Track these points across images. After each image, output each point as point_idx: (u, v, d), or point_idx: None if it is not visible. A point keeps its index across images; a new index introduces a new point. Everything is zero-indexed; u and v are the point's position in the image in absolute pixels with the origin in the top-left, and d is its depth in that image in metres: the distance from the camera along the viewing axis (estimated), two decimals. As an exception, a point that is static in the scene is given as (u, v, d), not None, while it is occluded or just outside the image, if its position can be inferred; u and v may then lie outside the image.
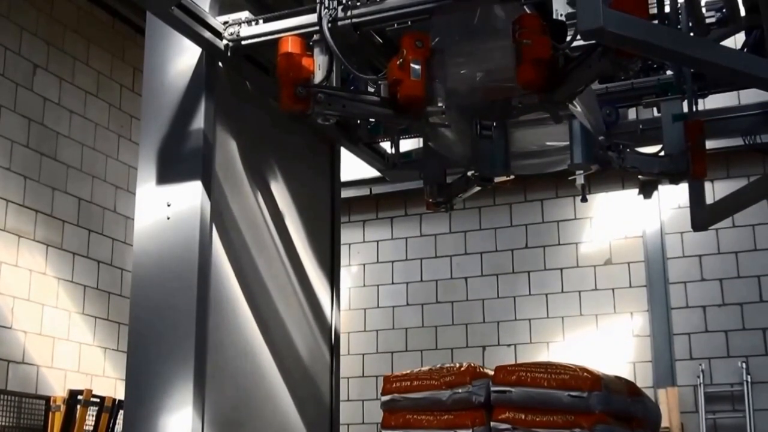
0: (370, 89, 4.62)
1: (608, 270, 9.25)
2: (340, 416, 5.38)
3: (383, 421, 4.50)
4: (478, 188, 5.39)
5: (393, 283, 9.93)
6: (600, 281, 9.29)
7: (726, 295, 8.23)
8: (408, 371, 4.60)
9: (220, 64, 4.60)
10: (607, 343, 9.12)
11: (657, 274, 9.04)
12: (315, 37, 4.42)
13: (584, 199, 4.85)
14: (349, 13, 4.36)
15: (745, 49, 4.81)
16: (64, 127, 8.58)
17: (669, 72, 5.22)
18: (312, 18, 4.42)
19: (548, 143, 5.12)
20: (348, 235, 9.28)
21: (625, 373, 7.38)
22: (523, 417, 4.21)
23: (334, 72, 4.45)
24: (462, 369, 4.42)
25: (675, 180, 4.97)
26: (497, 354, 9.28)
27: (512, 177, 5.31)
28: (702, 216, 5.08)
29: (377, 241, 10.04)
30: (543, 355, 9.08)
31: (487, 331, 9.53)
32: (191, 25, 4.37)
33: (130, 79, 9.44)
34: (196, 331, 4.31)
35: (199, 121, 4.45)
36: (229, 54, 4.58)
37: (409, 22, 4.33)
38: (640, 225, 9.38)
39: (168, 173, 4.51)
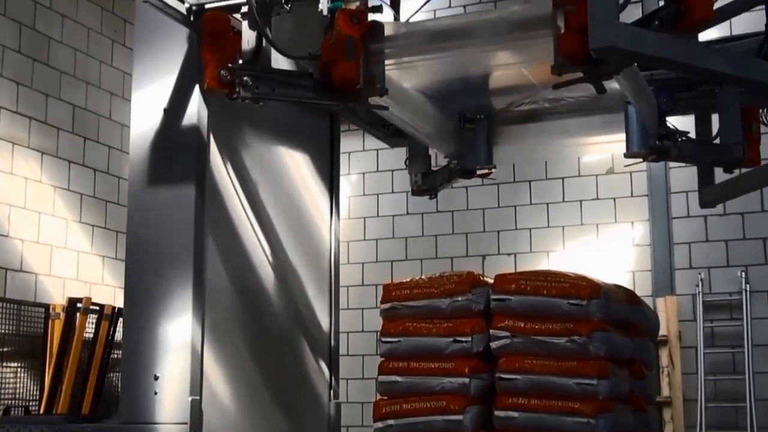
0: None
1: (610, 179, 9.17)
2: (339, 325, 5.39)
3: (383, 328, 4.51)
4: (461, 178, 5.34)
5: (393, 192, 9.87)
6: (601, 191, 9.24)
7: (727, 204, 8.14)
8: (408, 279, 4.59)
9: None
10: (608, 252, 9.11)
11: (659, 184, 8.98)
12: (243, 9, 4.13)
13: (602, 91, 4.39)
14: None
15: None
16: (56, 32, 8.41)
17: None
18: None
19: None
20: (347, 143, 9.15)
21: (625, 282, 7.38)
22: (522, 325, 4.22)
23: (266, 50, 4.16)
24: (462, 277, 4.41)
25: (729, 168, 4.82)
26: (497, 263, 9.28)
27: (494, 168, 5.25)
28: (710, 194, 5.06)
29: (377, 150, 9.93)
30: (543, 265, 9.08)
31: (487, 241, 9.51)
32: None
33: (123, -18, 9.24)
34: (194, 238, 4.29)
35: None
36: (192, 19, 4.33)
37: None
38: (642, 134, 9.28)
39: (164, 79, 4.42)
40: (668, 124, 4.53)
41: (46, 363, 7.64)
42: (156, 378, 4.24)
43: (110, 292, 8.55)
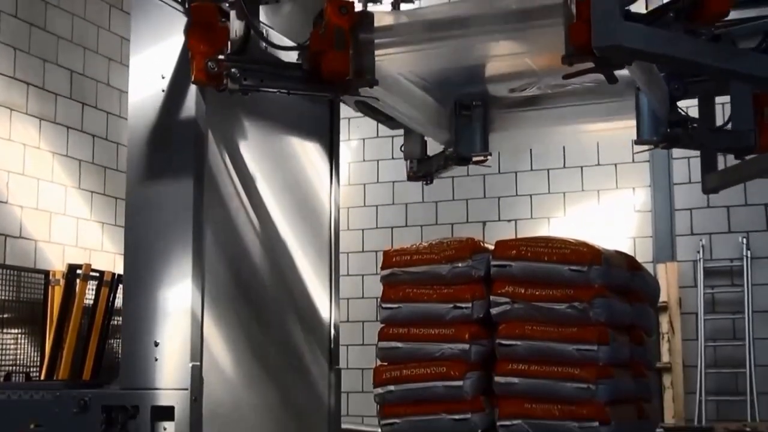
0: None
1: (611, 145, 9.15)
2: (340, 292, 5.38)
3: (383, 294, 4.50)
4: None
5: (393, 158, 9.83)
6: (602, 156, 9.21)
7: (729, 170, 8.12)
8: (408, 245, 4.57)
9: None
10: (608, 218, 9.10)
11: (660, 150, 8.94)
12: None
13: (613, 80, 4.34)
14: None
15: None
16: (53, -4, 8.35)
17: None
18: None
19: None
20: (347, 109, 9.12)
21: (626, 248, 7.37)
22: (522, 291, 4.21)
23: (254, 40, 4.09)
24: (462, 243, 4.39)
25: (740, 154, 4.76)
26: (497, 229, 9.27)
27: (490, 155, 5.23)
28: (712, 180, 5.02)
29: (377, 116, 9.89)
30: (544, 231, 9.08)
31: (488, 207, 9.50)
32: None
33: (120, -54, 9.16)
34: (193, 204, 4.27)
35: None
36: None
37: None
38: (644, 99, 9.24)
39: (162, 44, 4.38)
40: (680, 110, 4.50)
41: (47, 329, 7.66)
42: (156, 344, 4.23)
43: (110, 259, 8.55)
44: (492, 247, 4.39)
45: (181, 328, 4.20)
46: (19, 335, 7.63)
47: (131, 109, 4.47)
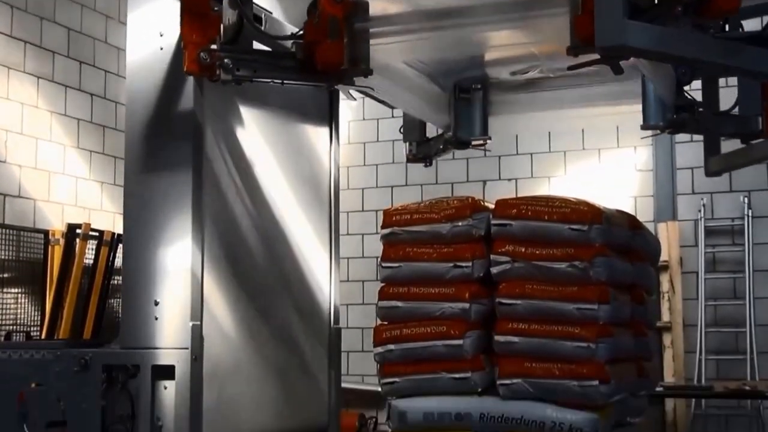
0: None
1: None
2: (340, 251, 5.37)
3: (383, 254, 4.49)
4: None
5: (393, 116, 9.74)
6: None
7: (731, 129, 8.08)
8: (408, 205, 4.56)
9: None
10: (609, 177, 9.07)
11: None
12: None
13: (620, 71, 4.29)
14: None
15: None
16: (48, -49, 8.25)
17: None
18: None
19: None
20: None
21: (627, 207, 7.32)
22: (522, 250, 4.20)
23: (247, 29, 4.04)
24: (462, 202, 4.38)
25: (746, 139, 4.74)
26: (498, 188, 9.24)
27: (490, 139, 5.21)
28: (716, 164, 5.00)
29: (377, 74, 9.83)
30: (544, 190, 9.04)
31: (488, 166, 9.45)
32: None
33: None
34: (192, 161, 4.25)
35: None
36: None
37: None
38: (646, 57, 9.16)
39: (160, 1, 4.34)
40: (686, 95, 4.47)
41: (47, 289, 7.66)
42: (156, 303, 4.24)
43: (109, 218, 8.53)
44: (492, 206, 4.37)
45: (181, 288, 4.21)
46: (19, 295, 7.63)
47: (129, 67, 4.45)
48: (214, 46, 3.92)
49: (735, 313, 8.52)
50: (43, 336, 7.45)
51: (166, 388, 4.17)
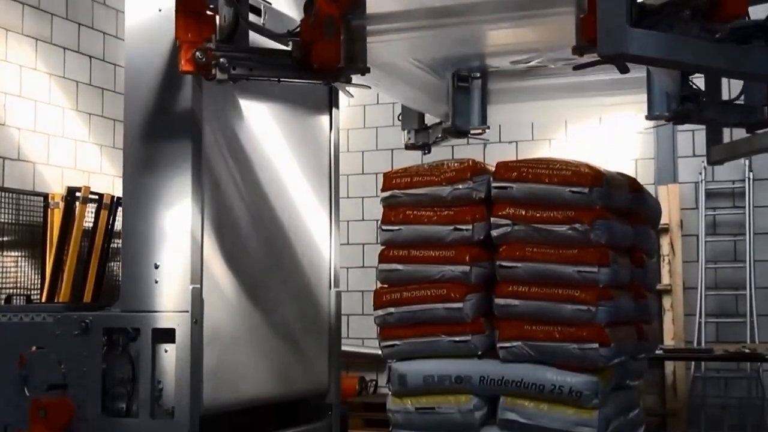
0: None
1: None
2: (340, 214, 5.37)
3: (383, 217, 4.48)
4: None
5: (393, 79, 9.74)
6: (605, 77, 9.10)
7: (732, 93, 8.04)
8: (408, 167, 4.54)
9: None
10: (610, 140, 9.04)
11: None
12: None
13: (625, 70, 4.16)
14: None
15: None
16: None
17: None
18: None
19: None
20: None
21: (628, 170, 7.29)
22: (523, 213, 4.19)
23: (243, 27, 3.99)
24: (463, 165, 4.36)
25: (752, 129, 4.72)
26: (498, 151, 9.18)
27: (488, 128, 5.21)
28: (718, 152, 4.97)
29: (377, 36, 9.76)
30: (545, 152, 9.02)
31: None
32: None
33: None
34: (192, 124, 4.23)
35: None
36: None
37: None
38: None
39: (158, -38, 4.29)
40: (691, 84, 4.42)
41: (47, 252, 7.67)
42: (156, 266, 4.24)
43: (109, 181, 8.52)
44: (493, 169, 4.36)
45: (182, 250, 4.21)
46: (19, 258, 7.64)
47: (128, 29, 4.41)
48: (210, 45, 3.89)
49: (735, 276, 8.53)
50: (43, 299, 7.47)
51: (166, 351, 4.18)
